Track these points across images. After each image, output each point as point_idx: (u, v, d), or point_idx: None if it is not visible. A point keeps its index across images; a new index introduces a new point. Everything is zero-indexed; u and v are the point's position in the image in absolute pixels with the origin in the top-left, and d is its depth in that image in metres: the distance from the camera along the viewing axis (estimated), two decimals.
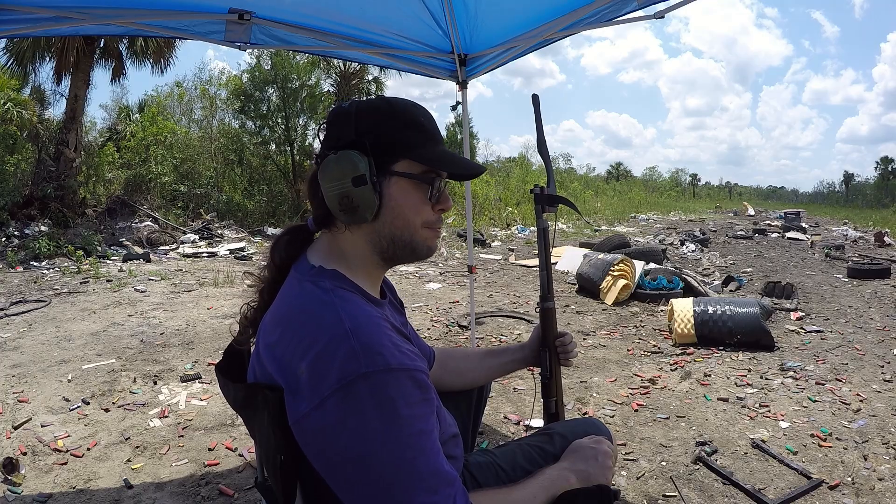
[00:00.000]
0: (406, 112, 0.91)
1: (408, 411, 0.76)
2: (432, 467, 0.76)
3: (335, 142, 0.89)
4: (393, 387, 0.75)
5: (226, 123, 15.01)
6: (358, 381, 0.74)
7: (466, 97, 2.94)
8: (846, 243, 10.63)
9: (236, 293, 5.74)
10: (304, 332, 0.79)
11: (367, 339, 0.77)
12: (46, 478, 2.16)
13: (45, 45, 9.99)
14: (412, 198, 0.89)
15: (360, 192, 0.85)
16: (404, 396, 0.76)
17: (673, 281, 5.61)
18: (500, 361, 1.35)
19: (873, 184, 58.65)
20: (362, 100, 0.94)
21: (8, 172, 9.39)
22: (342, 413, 0.74)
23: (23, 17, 1.95)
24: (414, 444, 0.75)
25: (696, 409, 2.84)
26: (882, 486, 2.09)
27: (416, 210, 0.89)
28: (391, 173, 0.88)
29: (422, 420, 0.78)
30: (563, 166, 33.39)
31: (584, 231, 12.29)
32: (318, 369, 0.75)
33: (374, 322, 0.81)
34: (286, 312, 0.84)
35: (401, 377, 0.76)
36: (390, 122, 0.89)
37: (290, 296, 0.87)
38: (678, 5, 2.01)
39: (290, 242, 0.96)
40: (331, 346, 0.76)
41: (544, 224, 1.35)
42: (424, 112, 0.93)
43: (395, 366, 0.76)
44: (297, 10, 2.37)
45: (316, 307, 0.81)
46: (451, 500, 0.77)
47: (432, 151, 0.90)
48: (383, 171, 0.87)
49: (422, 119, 0.91)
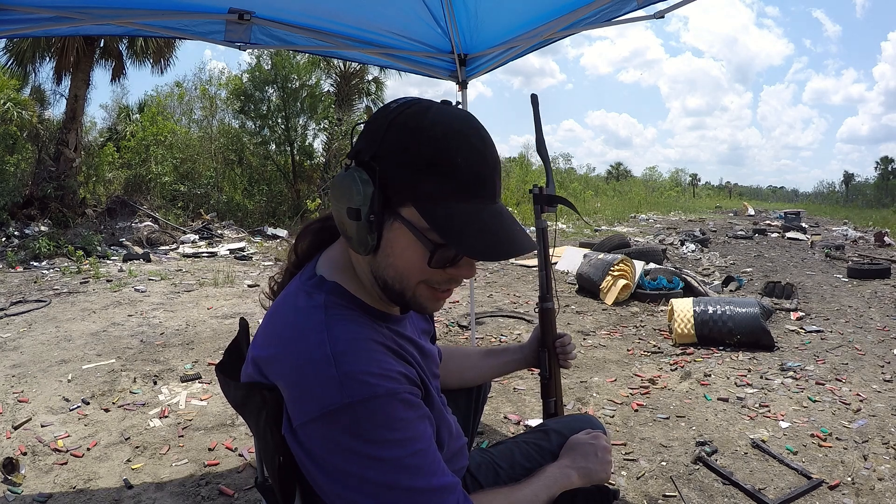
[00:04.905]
0: (439, 144, 0.71)
1: (398, 434, 0.73)
2: (430, 484, 0.74)
3: (356, 152, 0.77)
4: (378, 415, 0.71)
5: (226, 123, 15.02)
6: (339, 413, 0.70)
7: (466, 97, 2.94)
8: (846, 243, 10.62)
9: (236, 293, 5.74)
10: (285, 349, 0.76)
11: (351, 365, 0.71)
12: (46, 478, 2.15)
13: (45, 45, 10.00)
14: (410, 254, 0.75)
15: (355, 226, 0.74)
16: (394, 422, 0.72)
17: (673, 281, 5.61)
18: (499, 361, 1.35)
19: (873, 184, 58.61)
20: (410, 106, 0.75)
21: (8, 172, 9.40)
22: (327, 440, 0.71)
23: (23, 17, 1.95)
24: (408, 465, 0.73)
25: (696, 409, 2.84)
26: (882, 486, 2.09)
27: (412, 267, 0.76)
28: (396, 215, 0.74)
29: (415, 440, 0.75)
30: (563, 166, 33.37)
31: (584, 231, 12.29)
32: (298, 393, 0.73)
33: (359, 346, 0.74)
34: (276, 325, 0.81)
35: (388, 403, 0.72)
36: (413, 153, 0.71)
37: (284, 306, 0.82)
38: (678, 5, 2.01)
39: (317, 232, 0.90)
40: (311, 370, 0.72)
41: (543, 224, 1.35)
42: (471, 148, 0.72)
43: (381, 393, 0.71)
44: (297, 10, 2.37)
45: (302, 323, 0.76)
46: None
47: (447, 210, 0.71)
48: (390, 209, 0.74)
49: (458, 159, 0.71)
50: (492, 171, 0.75)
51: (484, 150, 0.74)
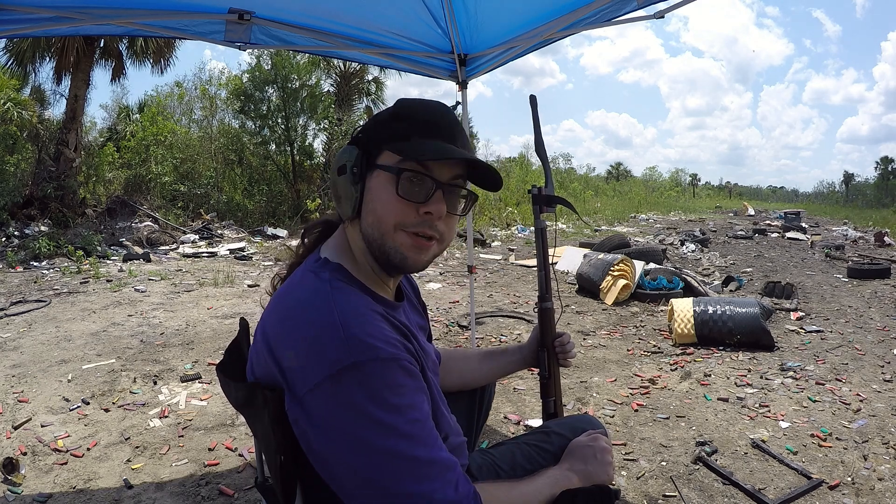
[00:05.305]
0: (405, 106, 0.88)
1: (399, 400, 0.75)
2: (430, 455, 0.76)
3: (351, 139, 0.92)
4: (383, 377, 0.75)
5: (226, 123, 15.02)
6: (347, 371, 0.73)
7: (466, 97, 2.94)
8: (846, 243, 10.63)
9: (236, 293, 5.74)
10: (295, 320, 0.80)
11: (357, 329, 0.76)
12: (46, 478, 2.15)
13: (45, 45, 10.00)
14: (384, 193, 0.83)
15: (341, 182, 0.86)
16: (395, 386, 0.75)
17: (673, 281, 5.61)
18: (499, 362, 1.35)
19: (873, 184, 58.60)
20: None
21: (8, 172, 9.40)
22: (333, 402, 0.73)
23: (23, 17, 1.95)
24: (409, 433, 0.75)
25: (696, 409, 2.84)
26: (882, 486, 2.09)
27: (387, 207, 0.83)
28: (374, 166, 0.85)
29: (414, 409, 0.77)
30: (563, 166, 33.36)
31: (584, 231, 12.29)
32: (308, 358, 0.76)
33: (363, 313, 0.80)
34: (284, 303, 0.85)
35: (391, 367, 0.76)
36: (385, 115, 0.89)
37: (292, 285, 0.88)
38: (678, 5, 2.01)
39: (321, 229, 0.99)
40: (320, 335, 0.76)
41: (542, 224, 1.35)
42: (430, 107, 0.88)
43: (384, 356, 0.75)
44: (297, 10, 2.37)
45: (309, 296, 0.82)
46: (451, 486, 0.76)
47: (414, 142, 0.83)
48: (371, 164, 0.86)
49: (419, 112, 0.86)
50: (449, 125, 0.87)
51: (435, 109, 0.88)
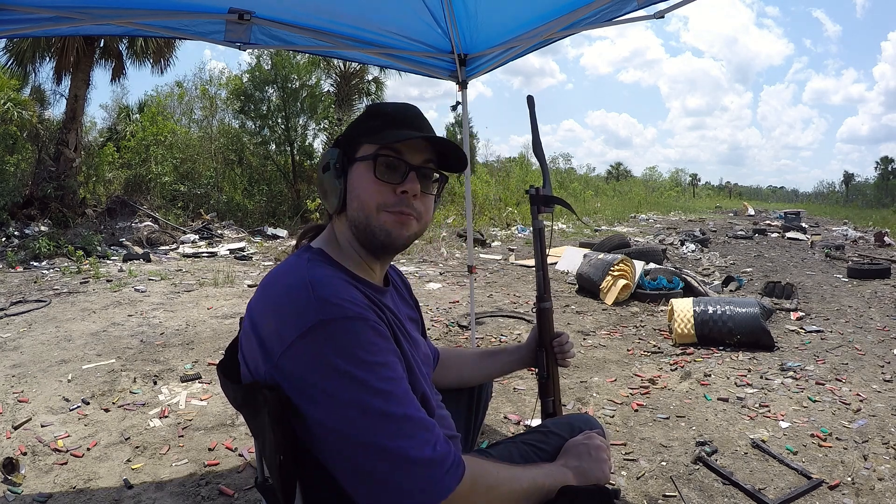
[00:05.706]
0: (377, 106, 0.99)
1: (371, 358, 0.77)
2: (405, 412, 0.77)
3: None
4: (352, 333, 0.77)
5: (226, 123, 15.02)
6: (315, 329, 0.76)
7: (466, 97, 2.94)
8: (846, 243, 10.62)
9: (236, 293, 5.74)
10: (272, 290, 0.86)
11: (326, 291, 0.80)
12: (46, 478, 2.16)
13: (45, 45, 10.00)
14: (365, 181, 0.92)
15: (327, 178, 0.95)
16: (366, 344, 0.78)
17: (673, 281, 5.61)
18: (497, 362, 1.36)
19: (873, 184, 58.57)
20: None
21: (8, 172, 9.40)
22: (304, 361, 0.76)
23: (23, 17, 1.95)
24: (381, 389, 0.76)
25: (696, 409, 2.84)
26: (882, 486, 2.09)
27: (369, 191, 0.91)
28: (354, 160, 0.94)
29: (387, 368, 0.79)
30: (563, 166, 33.33)
31: (584, 231, 12.29)
32: (279, 321, 0.79)
33: (332, 278, 0.85)
34: (266, 283, 0.90)
35: (359, 325, 0.78)
36: (361, 116, 1.00)
37: (274, 270, 0.92)
38: (678, 5, 2.00)
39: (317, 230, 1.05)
40: (291, 297, 0.81)
41: (540, 224, 1.35)
42: (399, 106, 0.98)
43: (351, 314, 0.79)
44: (297, 10, 2.37)
45: (287, 269, 0.88)
46: (429, 446, 0.76)
47: (387, 132, 0.93)
48: (350, 161, 0.94)
49: (389, 109, 0.97)
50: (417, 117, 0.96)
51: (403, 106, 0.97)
